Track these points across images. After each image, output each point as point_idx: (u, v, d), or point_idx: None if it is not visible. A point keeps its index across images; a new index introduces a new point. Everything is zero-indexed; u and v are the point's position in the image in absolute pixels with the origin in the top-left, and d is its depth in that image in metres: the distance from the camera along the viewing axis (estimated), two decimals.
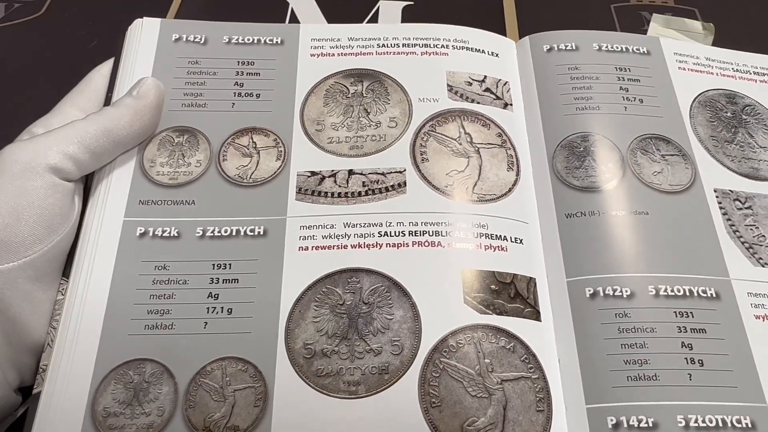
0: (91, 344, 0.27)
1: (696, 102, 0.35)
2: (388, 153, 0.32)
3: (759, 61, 0.38)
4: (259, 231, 0.30)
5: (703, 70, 0.37)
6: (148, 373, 0.26)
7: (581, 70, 0.36)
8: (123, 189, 0.31)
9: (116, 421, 0.25)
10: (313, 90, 0.34)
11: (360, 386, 0.26)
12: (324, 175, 0.32)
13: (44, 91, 0.37)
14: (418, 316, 0.28)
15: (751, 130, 0.35)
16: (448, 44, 0.36)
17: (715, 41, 0.42)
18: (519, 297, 0.29)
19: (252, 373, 0.27)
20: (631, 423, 0.26)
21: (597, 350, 0.28)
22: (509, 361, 0.27)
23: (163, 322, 0.27)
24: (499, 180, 0.32)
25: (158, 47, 0.35)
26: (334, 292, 0.28)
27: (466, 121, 0.33)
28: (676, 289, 0.29)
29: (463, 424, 0.25)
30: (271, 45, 0.36)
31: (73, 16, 0.43)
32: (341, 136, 0.33)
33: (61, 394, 0.26)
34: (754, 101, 0.36)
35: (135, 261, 0.29)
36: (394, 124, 0.33)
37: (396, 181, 0.31)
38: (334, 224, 0.30)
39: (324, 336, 0.27)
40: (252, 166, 0.32)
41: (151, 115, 0.31)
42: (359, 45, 0.36)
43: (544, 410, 0.26)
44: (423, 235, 0.30)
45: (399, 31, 0.37)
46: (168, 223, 0.30)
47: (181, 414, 0.26)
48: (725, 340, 0.28)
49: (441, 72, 0.35)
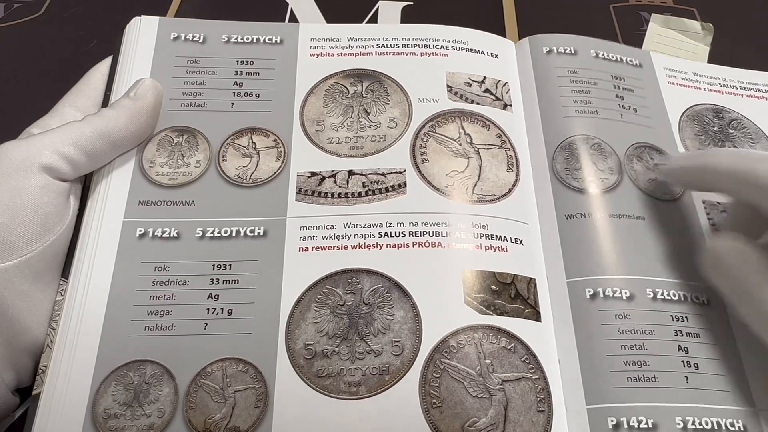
0: (91, 345, 0.27)
1: (684, 116, 0.36)
2: (388, 153, 0.32)
3: (745, 76, 0.39)
4: (259, 231, 0.30)
5: (691, 85, 0.38)
6: (149, 374, 0.26)
7: (579, 74, 0.36)
8: (122, 189, 0.30)
9: (116, 423, 0.25)
10: (312, 90, 0.34)
11: (361, 387, 0.26)
12: (324, 176, 0.32)
13: (44, 91, 0.37)
14: (419, 317, 0.28)
15: (738, 143, 0.35)
16: (447, 45, 0.36)
17: (714, 41, 0.43)
18: (519, 297, 0.29)
19: (252, 374, 0.26)
20: (631, 424, 0.26)
21: (597, 351, 0.28)
22: (510, 361, 0.27)
23: (163, 323, 0.27)
24: (499, 180, 0.32)
25: (157, 46, 0.35)
26: (335, 293, 0.28)
27: (465, 122, 0.33)
28: (672, 293, 0.29)
29: (464, 425, 0.25)
30: (271, 45, 0.36)
31: (73, 16, 0.43)
32: (341, 136, 0.33)
33: (61, 395, 0.26)
34: (740, 115, 0.37)
35: (135, 262, 0.29)
36: (394, 125, 0.33)
37: (396, 182, 0.31)
38: (335, 225, 0.30)
39: (324, 337, 0.27)
40: (252, 167, 0.32)
41: (149, 116, 0.31)
42: (359, 45, 0.36)
43: (545, 410, 0.26)
44: (423, 236, 0.30)
45: (399, 32, 0.37)
46: (168, 224, 0.30)
47: (181, 415, 0.26)
48: (716, 346, 0.28)
49: (441, 72, 0.35)
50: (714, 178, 0.29)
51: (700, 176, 0.30)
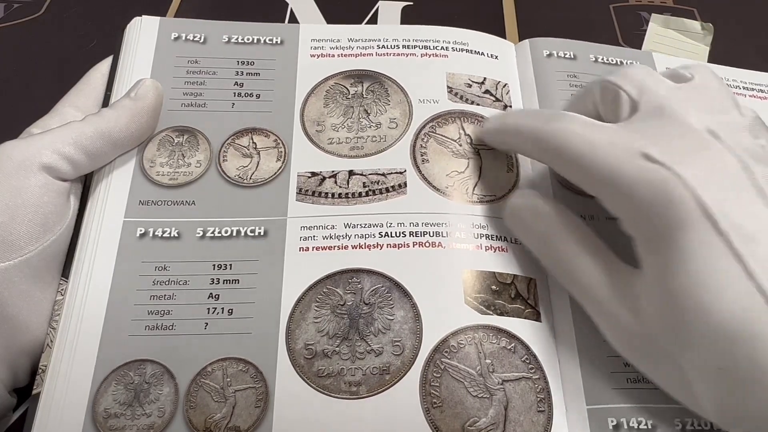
0: (92, 345, 0.27)
1: None
2: (389, 154, 0.32)
3: (747, 76, 0.39)
4: (259, 231, 0.30)
5: None
6: (149, 373, 0.26)
7: (579, 78, 0.36)
8: (123, 189, 0.30)
9: (117, 422, 0.25)
10: (313, 90, 0.34)
11: (361, 387, 0.26)
12: (324, 176, 0.32)
13: (44, 92, 0.37)
14: (419, 317, 0.28)
15: None
16: (447, 46, 0.36)
17: (714, 41, 0.43)
18: (520, 297, 0.29)
19: (253, 374, 0.27)
20: (631, 425, 0.26)
21: (597, 352, 0.28)
22: (510, 361, 0.27)
23: (164, 323, 0.27)
24: (499, 181, 0.32)
25: (157, 46, 0.35)
26: (335, 293, 0.28)
27: (466, 123, 0.33)
28: None
29: (465, 425, 0.25)
30: (271, 45, 0.36)
31: (73, 17, 0.43)
32: (341, 136, 0.33)
33: (62, 395, 0.26)
34: None
35: (135, 261, 0.29)
36: (394, 125, 0.33)
37: (396, 182, 0.31)
38: (335, 225, 0.30)
39: (325, 336, 0.27)
40: (252, 167, 0.32)
41: (149, 117, 0.31)
42: (359, 46, 0.36)
43: (545, 410, 0.26)
44: (423, 236, 0.30)
45: (399, 33, 0.37)
46: (168, 224, 0.30)
47: (181, 415, 0.26)
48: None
49: (441, 73, 0.35)
50: (512, 139, 0.30)
51: (502, 138, 0.31)
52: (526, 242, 0.29)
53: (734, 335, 0.21)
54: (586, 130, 0.25)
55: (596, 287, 0.25)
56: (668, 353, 0.23)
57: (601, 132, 0.25)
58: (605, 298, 0.25)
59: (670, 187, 0.22)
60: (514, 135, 0.29)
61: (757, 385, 0.21)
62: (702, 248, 0.22)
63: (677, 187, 0.22)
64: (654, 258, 0.23)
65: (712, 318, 0.21)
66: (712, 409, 0.23)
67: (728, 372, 0.21)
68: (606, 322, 0.25)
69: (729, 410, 0.22)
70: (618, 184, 0.24)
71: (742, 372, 0.21)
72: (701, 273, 0.21)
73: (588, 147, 0.25)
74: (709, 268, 0.21)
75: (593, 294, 0.25)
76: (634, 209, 0.24)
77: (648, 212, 0.23)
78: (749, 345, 0.21)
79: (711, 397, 0.22)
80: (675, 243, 0.22)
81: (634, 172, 0.23)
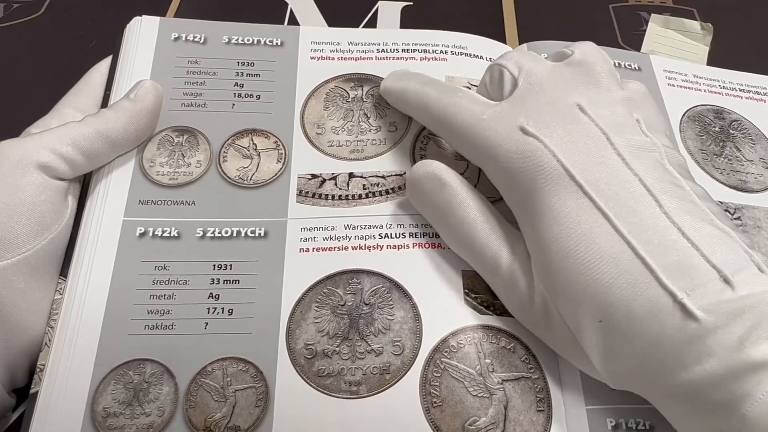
0: (91, 344, 0.27)
1: (685, 117, 0.36)
2: (389, 156, 0.32)
3: (744, 79, 0.39)
4: (260, 232, 0.30)
5: (691, 86, 0.38)
6: (149, 373, 0.26)
7: None
8: (122, 189, 0.30)
9: (116, 422, 0.25)
10: (313, 93, 0.34)
11: (361, 386, 0.26)
12: (325, 178, 0.32)
13: (43, 92, 0.37)
14: (419, 317, 0.28)
15: (739, 144, 0.36)
16: (447, 50, 0.36)
17: (714, 42, 0.43)
18: None
19: (253, 374, 0.27)
20: (629, 425, 0.26)
21: None
22: (510, 361, 0.27)
23: (164, 323, 0.27)
24: None
25: (157, 46, 0.35)
26: (335, 293, 0.28)
27: None
28: None
29: (465, 424, 0.26)
30: (271, 46, 0.36)
31: (72, 17, 0.43)
32: (342, 139, 0.33)
33: (60, 394, 0.26)
34: (741, 117, 0.37)
35: (135, 261, 0.29)
36: (394, 129, 0.33)
37: (396, 184, 0.31)
38: (335, 226, 0.30)
39: (325, 336, 0.27)
40: (252, 168, 0.32)
41: (148, 118, 0.31)
42: (359, 50, 0.36)
43: (545, 410, 0.26)
44: (423, 237, 0.30)
45: (398, 37, 0.37)
46: (168, 224, 0.30)
47: (181, 414, 0.26)
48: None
49: (440, 77, 0.35)
50: (408, 107, 0.32)
51: (402, 105, 0.32)
52: (426, 214, 0.29)
53: (609, 285, 0.22)
54: (472, 105, 0.28)
55: (496, 255, 0.27)
56: (558, 315, 0.24)
57: (485, 107, 0.27)
58: (503, 264, 0.26)
59: (538, 155, 0.25)
60: (413, 104, 0.31)
61: (633, 336, 0.22)
62: (572, 208, 0.24)
63: (544, 154, 0.25)
64: (530, 220, 0.25)
65: (588, 269, 0.23)
66: (600, 367, 0.24)
67: (607, 324, 0.23)
68: (504, 290, 0.27)
69: (613, 365, 0.23)
70: (497, 157, 0.26)
71: (618, 323, 0.22)
72: (573, 229, 0.24)
73: (473, 120, 0.27)
74: (580, 226, 0.23)
75: (494, 262, 0.27)
76: (511, 178, 0.26)
77: (522, 179, 0.25)
78: (623, 294, 0.22)
79: (596, 353, 0.23)
80: (547, 204, 0.24)
81: (512, 145, 0.26)
